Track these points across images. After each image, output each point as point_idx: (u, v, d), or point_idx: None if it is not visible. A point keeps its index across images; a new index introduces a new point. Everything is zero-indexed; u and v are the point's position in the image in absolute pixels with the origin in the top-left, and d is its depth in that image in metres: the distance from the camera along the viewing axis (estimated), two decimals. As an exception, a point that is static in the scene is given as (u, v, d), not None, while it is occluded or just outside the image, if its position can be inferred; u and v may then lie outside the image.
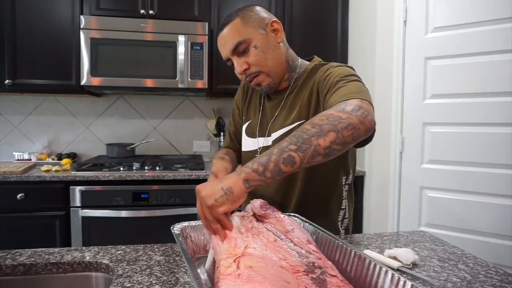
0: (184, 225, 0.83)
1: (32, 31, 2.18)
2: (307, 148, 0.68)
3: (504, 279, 0.77)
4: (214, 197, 0.67)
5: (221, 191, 0.67)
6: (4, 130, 2.52)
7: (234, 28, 0.96)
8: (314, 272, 0.62)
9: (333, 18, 2.49)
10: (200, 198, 0.69)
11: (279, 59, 1.01)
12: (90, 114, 2.61)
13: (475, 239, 1.80)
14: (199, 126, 2.74)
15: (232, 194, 0.67)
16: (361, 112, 0.72)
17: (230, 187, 0.68)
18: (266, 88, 1.03)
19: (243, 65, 0.98)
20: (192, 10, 2.32)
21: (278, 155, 0.68)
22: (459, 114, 1.84)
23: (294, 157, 0.68)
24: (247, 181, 0.68)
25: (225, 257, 0.61)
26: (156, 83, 2.22)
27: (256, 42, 0.96)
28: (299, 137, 0.69)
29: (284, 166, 0.68)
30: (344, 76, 0.88)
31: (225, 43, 0.97)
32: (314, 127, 0.70)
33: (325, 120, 0.70)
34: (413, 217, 2.00)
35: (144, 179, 2.06)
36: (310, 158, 0.68)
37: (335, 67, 0.96)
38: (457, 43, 1.84)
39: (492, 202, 1.76)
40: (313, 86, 0.99)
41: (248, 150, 1.14)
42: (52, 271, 0.83)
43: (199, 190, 0.70)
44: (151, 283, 0.73)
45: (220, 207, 0.67)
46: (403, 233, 1.09)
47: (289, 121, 1.02)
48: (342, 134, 0.69)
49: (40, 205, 1.99)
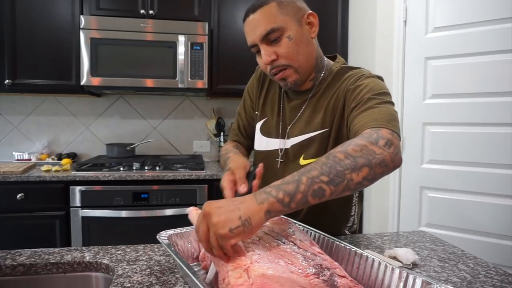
0: (170, 233, 0.79)
1: (32, 31, 2.18)
2: (340, 182, 0.63)
3: (505, 279, 0.77)
4: (229, 227, 0.58)
5: (238, 221, 0.58)
6: (4, 130, 2.52)
7: (268, 12, 0.87)
8: (323, 274, 0.60)
9: (333, 18, 2.49)
10: (211, 224, 0.59)
11: (310, 55, 0.94)
12: (90, 114, 2.61)
13: (475, 239, 1.80)
14: (199, 126, 2.74)
15: (250, 226, 0.59)
16: (393, 149, 0.68)
17: (249, 217, 0.59)
18: (291, 85, 0.94)
19: (272, 55, 0.89)
20: (192, 10, 2.32)
21: (308, 185, 0.61)
22: (459, 114, 1.84)
23: (325, 190, 0.62)
24: (269, 212, 0.60)
25: (233, 268, 0.58)
26: (156, 83, 2.23)
27: (291, 33, 0.88)
28: (332, 168, 0.63)
29: (312, 198, 0.62)
30: (376, 94, 0.83)
31: (255, 28, 0.88)
32: (348, 158, 0.64)
33: (359, 152, 0.65)
34: (413, 217, 2.00)
35: (144, 179, 2.06)
36: (340, 192, 0.63)
37: (367, 77, 0.89)
38: (457, 43, 1.84)
39: (492, 202, 1.75)
40: (339, 93, 0.92)
41: (262, 149, 1.07)
42: (52, 271, 0.83)
43: (209, 213, 0.59)
44: (151, 283, 0.73)
45: (232, 239, 0.58)
46: (403, 233, 1.09)
47: (310, 127, 0.96)
48: (374, 170, 0.65)
49: (40, 205, 1.99)
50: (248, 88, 1.14)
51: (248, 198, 0.62)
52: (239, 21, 2.38)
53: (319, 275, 0.59)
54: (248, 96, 1.13)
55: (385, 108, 0.79)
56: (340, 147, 0.67)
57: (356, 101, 0.85)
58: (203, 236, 0.60)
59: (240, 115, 1.16)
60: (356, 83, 0.88)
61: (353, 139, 0.70)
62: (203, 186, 2.11)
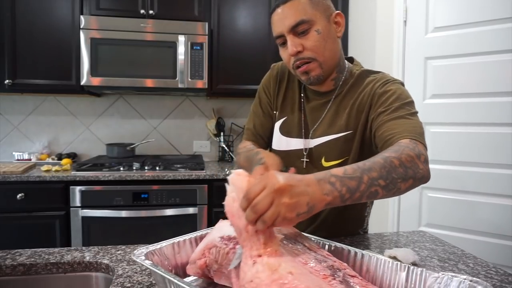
0: (144, 252, 0.70)
1: (32, 31, 2.18)
2: (392, 189, 0.65)
3: (504, 279, 0.77)
4: (297, 212, 0.55)
5: (306, 208, 0.56)
6: (4, 130, 2.52)
7: (300, 4, 0.87)
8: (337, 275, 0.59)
9: (333, 18, 2.48)
10: (279, 202, 0.54)
11: (335, 53, 0.94)
12: (90, 114, 2.61)
13: (475, 239, 1.80)
14: (199, 126, 2.74)
15: (309, 214, 0.57)
16: (428, 167, 0.72)
17: (314, 206, 0.57)
18: (313, 79, 0.93)
19: (298, 46, 0.88)
20: (192, 10, 2.32)
21: (367, 186, 0.62)
22: (459, 114, 1.84)
23: (378, 193, 0.64)
24: (328, 205, 0.59)
25: (267, 257, 0.55)
26: (156, 83, 2.22)
27: (319, 27, 0.88)
28: (389, 174, 0.64)
29: (366, 199, 0.63)
30: (405, 103, 0.85)
31: (285, 18, 0.88)
32: (401, 167, 0.66)
33: (409, 163, 0.68)
34: (413, 217, 2.00)
35: (144, 179, 2.06)
36: (384, 197, 0.66)
37: (393, 83, 0.91)
38: (457, 43, 1.84)
39: (492, 202, 1.76)
40: (364, 96, 0.93)
41: (282, 149, 1.05)
42: (52, 271, 0.83)
43: (283, 191, 0.54)
44: (151, 283, 0.73)
45: (293, 223, 0.56)
46: (403, 233, 1.09)
47: (333, 129, 0.96)
48: (415, 183, 0.68)
49: (40, 205, 1.99)
50: (264, 86, 1.11)
51: (312, 183, 0.58)
52: (239, 21, 2.38)
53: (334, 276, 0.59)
54: (265, 94, 1.10)
55: (416, 121, 0.82)
56: (394, 152, 0.69)
57: (384, 106, 0.86)
58: (261, 209, 0.53)
59: (256, 113, 1.11)
60: (383, 88, 0.90)
61: (400, 146, 0.72)
62: (203, 186, 2.11)
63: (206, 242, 0.72)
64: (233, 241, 0.68)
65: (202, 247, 0.72)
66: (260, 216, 0.54)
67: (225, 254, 0.67)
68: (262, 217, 0.54)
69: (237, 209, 0.59)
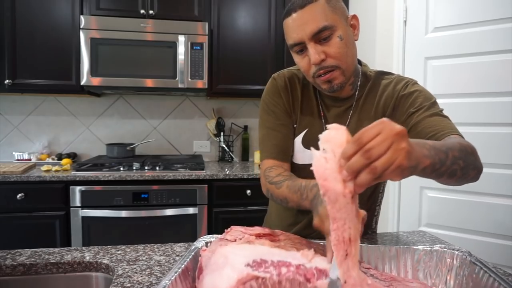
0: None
1: (32, 31, 2.18)
2: (465, 173, 0.66)
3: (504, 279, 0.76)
4: (410, 162, 0.50)
5: (414, 161, 0.52)
6: (4, 130, 2.52)
7: (319, 9, 0.81)
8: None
9: (333, 18, 2.48)
10: (399, 147, 0.48)
11: (355, 58, 0.90)
12: (90, 114, 2.61)
13: (475, 239, 1.80)
14: (199, 126, 2.74)
15: (413, 172, 0.53)
16: None
17: (418, 164, 0.53)
18: (337, 87, 0.87)
19: (321, 54, 0.82)
20: (192, 10, 2.32)
21: (451, 162, 0.62)
22: (459, 114, 1.84)
23: (456, 173, 0.64)
24: (424, 169, 0.55)
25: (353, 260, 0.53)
26: (156, 83, 2.23)
27: (341, 32, 0.83)
28: (466, 157, 0.66)
29: (446, 176, 0.63)
30: (433, 102, 0.87)
31: (305, 24, 0.81)
32: (473, 155, 0.69)
33: (476, 155, 0.71)
34: (413, 217, 2.00)
35: (144, 179, 2.06)
36: (457, 181, 0.67)
37: (412, 83, 0.92)
38: (457, 43, 1.84)
39: (492, 202, 1.75)
40: (387, 99, 0.91)
41: (306, 163, 0.97)
42: (52, 271, 0.83)
43: (404, 135, 0.49)
44: (151, 283, 0.73)
45: (401, 177, 0.50)
46: (403, 233, 1.09)
47: None
48: (477, 175, 0.71)
49: (40, 205, 1.99)
50: (273, 100, 0.99)
51: (413, 142, 0.53)
52: (239, 21, 2.38)
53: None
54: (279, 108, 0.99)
55: (450, 120, 0.84)
56: (464, 141, 0.71)
57: (414, 107, 0.86)
58: (377, 153, 0.47)
59: (274, 129, 0.98)
60: (407, 89, 0.90)
61: (459, 139, 0.73)
62: (203, 186, 2.11)
63: (236, 278, 0.54)
64: (272, 264, 0.56)
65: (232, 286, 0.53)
66: (371, 163, 0.47)
67: (276, 283, 0.54)
68: (373, 164, 0.47)
69: (332, 170, 0.50)
